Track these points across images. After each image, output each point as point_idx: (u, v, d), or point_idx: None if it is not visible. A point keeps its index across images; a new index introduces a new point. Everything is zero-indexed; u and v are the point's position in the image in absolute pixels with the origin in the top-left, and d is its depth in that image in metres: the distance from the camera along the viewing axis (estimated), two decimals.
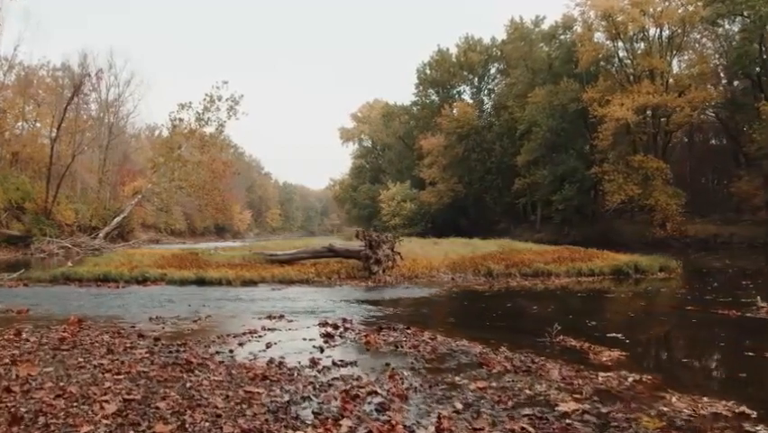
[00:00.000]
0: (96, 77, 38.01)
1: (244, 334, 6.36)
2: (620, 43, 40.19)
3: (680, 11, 37.16)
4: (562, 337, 6.28)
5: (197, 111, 34.75)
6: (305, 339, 6.17)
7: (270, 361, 5.01)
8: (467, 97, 58.12)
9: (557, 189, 41.09)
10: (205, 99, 34.87)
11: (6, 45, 44.03)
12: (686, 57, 41.80)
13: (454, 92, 59.36)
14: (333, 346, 5.77)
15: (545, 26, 49.67)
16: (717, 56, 40.30)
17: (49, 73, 41.65)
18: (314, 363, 4.95)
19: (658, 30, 38.77)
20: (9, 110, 36.50)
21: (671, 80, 38.91)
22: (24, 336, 6.12)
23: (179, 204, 42.40)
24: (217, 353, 5.37)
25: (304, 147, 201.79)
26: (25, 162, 37.26)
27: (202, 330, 6.80)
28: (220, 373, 4.43)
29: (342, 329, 6.70)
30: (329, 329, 6.65)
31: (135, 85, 44.24)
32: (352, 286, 12.02)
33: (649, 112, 37.41)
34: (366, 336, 6.24)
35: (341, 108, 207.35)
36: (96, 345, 5.63)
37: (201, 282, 12.50)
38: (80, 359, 4.91)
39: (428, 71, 59.93)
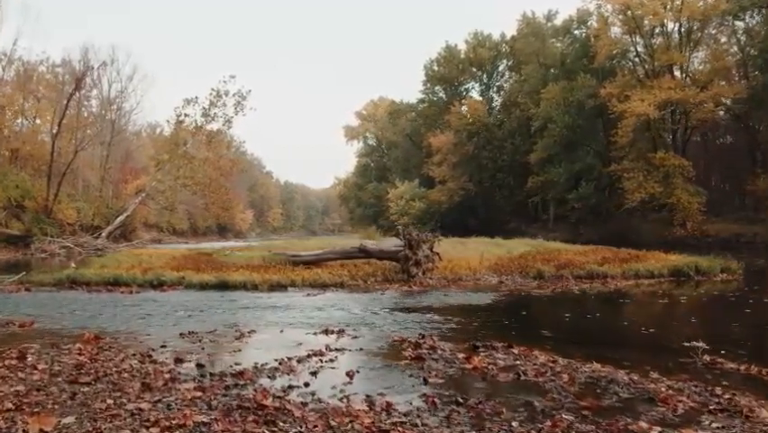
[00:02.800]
0: (99, 69, 36.56)
1: (309, 356, 5.03)
2: (638, 38, 38.93)
3: (699, 4, 35.88)
4: (709, 357, 4.99)
5: (203, 106, 33.47)
6: (389, 365, 4.85)
7: (370, 402, 3.69)
8: (475, 94, 56.92)
9: (573, 188, 39.91)
10: (211, 94, 33.57)
11: (5, 40, 42.67)
12: (703, 52, 40.52)
13: (462, 89, 58.10)
14: (435, 375, 4.44)
15: (558, 21, 48.46)
16: (733, 51, 39.02)
17: (49, 69, 40.31)
18: (433, 404, 3.62)
19: (676, 24, 37.55)
20: (8, 106, 35.15)
21: (691, 75, 37.72)
22: (30, 360, 4.79)
23: (183, 202, 41.02)
24: (290, 387, 4.04)
25: (304, 147, 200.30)
26: (25, 160, 35.92)
27: (250, 350, 5.46)
28: (315, 427, 3.10)
29: (427, 348, 5.37)
30: (414, 350, 5.31)
31: (138, 80, 42.79)
32: (393, 291, 10.68)
33: (674, 108, 36.14)
34: (467, 358, 4.92)
35: (341, 107, 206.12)
36: (126, 375, 4.30)
37: (224, 287, 11.15)
38: (109, 401, 3.58)
39: (436, 68, 58.61)
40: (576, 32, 45.48)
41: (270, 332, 6.44)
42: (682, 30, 37.80)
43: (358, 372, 4.52)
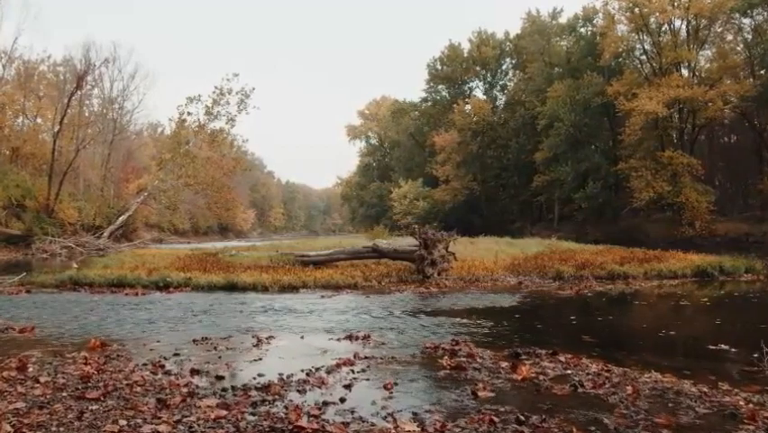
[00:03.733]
0: (101, 67, 36.07)
1: (338, 366, 4.57)
2: (645, 36, 38.47)
3: (708, 1, 35.40)
4: None
5: (207, 104, 33.03)
6: (428, 375, 4.40)
7: (419, 421, 3.23)
8: (479, 93, 56.44)
9: (580, 187, 39.40)
10: (214, 92, 33.16)
11: (6, 38, 42.27)
12: (711, 50, 40.03)
13: (466, 88, 57.63)
14: (483, 387, 3.98)
15: (563, 20, 48.00)
16: (740, 49, 38.52)
17: (50, 68, 39.90)
18: (492, 423, 3.17)
19: (684, 22, 37.07)
20: (9, 105, 34.73)
21: (698, 74, 37.26)
22: (31, 370, 4.34)
23: (184, 202, 40.52)
24: (325, 403, 3.58)
25: (305, 147, 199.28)
26: (26, 159, 35.51)
27: (272, 359, 5.01)
28: None
29: (465, 356, 4.92)
30: (451, 358, 4.86)
31: (140, 78, 42.32)
32: (410, 292, 10.21)
33: (682, 106, 35.68)
34: (513, 367, 4.46)
35: (342, 107, 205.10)
36: (138, 389, 3.85)
37: (232, 288, 10.70)
38: (122, 422, 3.12)
39: (439, 66, 58.11)
40: (582, 29, 45.00)
41: (290, 338, 5.97)
42: (690, 27, 37.33)
43: (396, 384, 4.06)
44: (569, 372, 4.44)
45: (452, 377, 4.31)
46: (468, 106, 50.85)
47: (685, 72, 37.26)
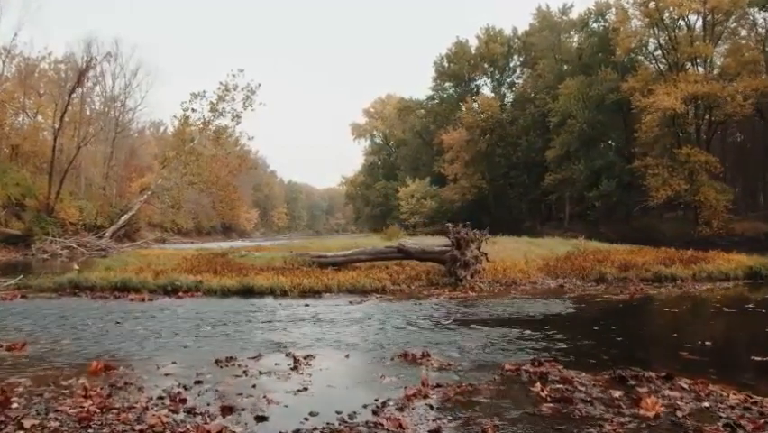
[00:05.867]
0: (103, 61, 35.10)
1: (408, 398, 3.59)
2: (660, 31, 37.47)
3: None
4: None
5: (211, 101, 32.05)
6: (529, 413, 3.41)
7: None
8: (487, 91, 55.46)
9: (593, 185, 38.39)
10: (219, 88, 32.16)
11: (6, 33, 41.38)
12: (726, 45, 38.99)
13: (473, 85, 56.63)
14: (612, 429, 3.00)
15: (573, 15, 47.04)
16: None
17: (51, 66, 39.00)
18: None
19: (700, 16, 36.08)
20: (9, 102, 33.83)
21: (715, 69, 36.27)
22: (16, 406, 3.37)
23: (188, 201, 39.58)
24: None
25: (306, 147, 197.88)
26: (26, 157, 34.59)
27: (320, 387, 4.02)
28: None
29: (559, 381, 3.94)
30: (543, 385, 3.87)
31: (142, 75, 41.33)
32: (445, 297, 9.19)
33: (699, 102, 34.66)
34: (636, 400, 3.48)
35: (343, 106, 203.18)
36: None
37: (247, 293, 9.72)
38: None
39: (446, 64, 57.12)
40: (594, 24, 43.97)
41: (332, 356, 4.97)
42: (706, 21, 36.34)
43: (498, 428, 3.08)
44: (705, 404, 3.47)
45: (562, 414, 3.34)
46: (476, 104, 49.87)
47: (700, 68, 36.25)
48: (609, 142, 40.28)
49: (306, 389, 3.95)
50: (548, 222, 46.32)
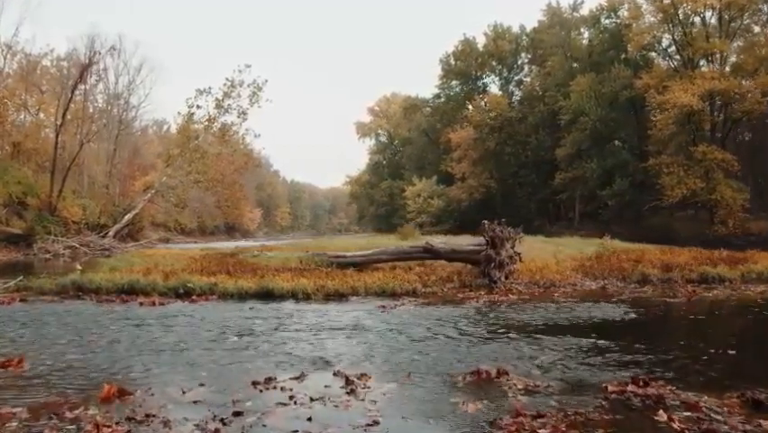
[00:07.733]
0: (107, 56, 34.34)
1: (502, 429, 2.83)
2: (674, 26, 36.69)
3: None
4: None
5: (217, 97, 31.36)
6: None
7: None
8: (495, 89, 54.70)
9: (605, 184, 37.62)
10: (225, 84, 31.47)
11: (7, 29, 40.73)
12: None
13: (480, 83, 55.88)
14: None
15: (584, 11, 46.31)
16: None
17: (53, 63, 38.37)
18: None
19: (715, 12, 35.31)
20: (10, 99, 33.17)
21: (731, 65, 35.50)
22: None
23: (192, 200, 38.89)
24: None
25: (309, 146, 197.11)
26: (28, 155, 33.94)
27: (393, 421, 3.24)
28: None
29: (677, 402, 3.18)
30: (669, 413, 3.11)
31: (147, 71, 40.57)
32: (483, 301, 8.42)
33: (716, 99, 33.87)
34: None
35: (342, 107, 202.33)
36: None
37: (267, 296, 8.97)
38: None
39: (453, 62, 56.39)
40: (606, 21, 43.21)
41: (390, 376, 4.19)
42: (722, 17, 35.55)
43: None
44: None
45: None
46: (484, 102, 49.14)
47: (715, 65, 35.48)
48: (622, 140, 39.50)
49: (376, 423, 3.18)
50: (557, 221, 45.61)
